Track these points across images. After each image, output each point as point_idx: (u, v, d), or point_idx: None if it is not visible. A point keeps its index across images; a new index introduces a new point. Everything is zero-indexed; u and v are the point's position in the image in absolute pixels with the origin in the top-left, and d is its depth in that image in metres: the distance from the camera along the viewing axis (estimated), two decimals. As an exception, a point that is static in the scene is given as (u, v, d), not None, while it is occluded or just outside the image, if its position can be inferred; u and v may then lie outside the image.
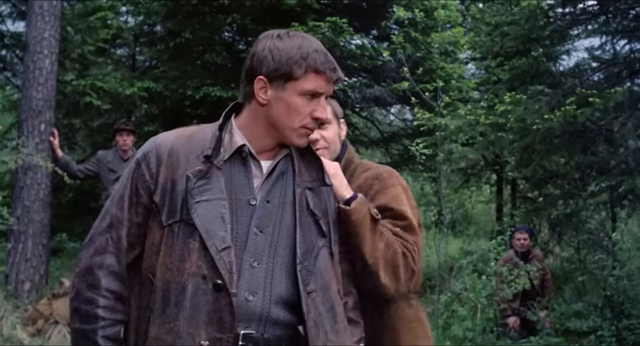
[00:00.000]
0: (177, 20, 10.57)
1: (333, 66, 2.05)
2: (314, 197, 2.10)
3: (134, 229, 2.02)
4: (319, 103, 2.04)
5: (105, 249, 2.01)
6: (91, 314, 1.97)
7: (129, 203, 2.03)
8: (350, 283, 2.25)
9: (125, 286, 2.01)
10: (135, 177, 2.05)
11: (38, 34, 8.56)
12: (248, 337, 1.91)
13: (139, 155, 2.09)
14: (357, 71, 10.82)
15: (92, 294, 1.98)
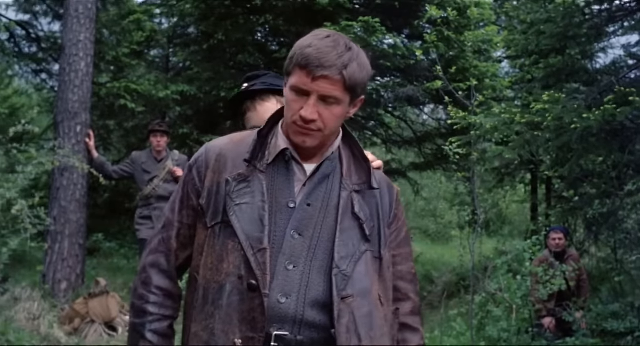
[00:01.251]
0: (211, 22, 10.64)
1: (319, 63, 1.92)
2: (361, 200, 2.08)
3: (184, 230, 2.11)
4: (306, 102, 1.97)
5: (157, 249, 2.13)
6: (142, 309, 2.09)
7: (179, 206, 2.12)
8: (410, 288, 2.19)
9: (174, 284, 2.12)
10: (187, 181, 2.13)
11: (74, 36, 8.68)
12: (281, 338, 1.92)
13: (192, 160, 2.17)
14: (390, 71, 10.79)
15: (144, 291, 2.10)
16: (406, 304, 2.18)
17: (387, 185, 2.19)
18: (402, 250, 2.19)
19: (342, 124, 2.15)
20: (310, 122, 1.97)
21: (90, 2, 8.88)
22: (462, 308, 8.43)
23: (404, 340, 2.16)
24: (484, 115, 7.99)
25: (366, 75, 2.01)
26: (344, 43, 1.99)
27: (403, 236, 2.20)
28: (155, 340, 2.07)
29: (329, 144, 2.08)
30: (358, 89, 2.00)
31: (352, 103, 2.04)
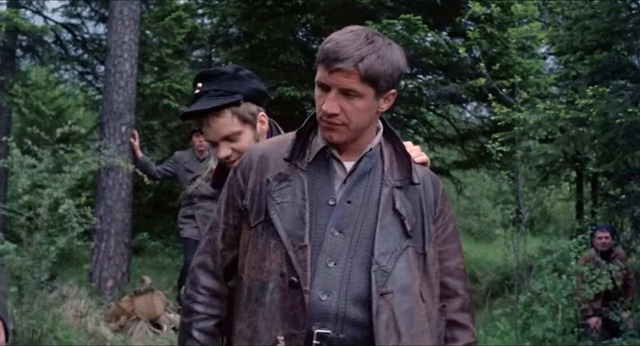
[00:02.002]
0: (252, 22, 10.69)
1: (335, 56, 1.94)
2: (403, 196, 2.06)
3: (230, 231, 2.14)
4: (327, 96, 1.99)
5: (204, 250, 2.17)
6: (190, 309, 2.13)
7: (225, 207, 2.16)
8: (459, 284, 2.16)
9: (221, 284, 2.15)
10: (231, 183, 2.17)
11: (118, 38, 8.80)
12: (323, 336, 1.92)
13: (236, 162, 2.21)
14: (432, 68, 10.74)
15: (192, 291, 2.14)
16: (455, 301, 2.15)
17: (432, 180, 2.16)
18: (450, 245, 2.16)
19: (383, 120, 2.15)
20: (332, 116, 1.99)
21: (135, 3, 9.00)
22: (506, 307, 8.36)
23: (453, 337, 2.13)
24: (528, 112, 7.90)
25: (389, 68, 1.98)
26: (366, 36, 1.98)
27: (450, 231, 2.17)
28: (202, 338, 2.10)
29: (367, 140, 2.08)
30: (381, 82, 1.97)
31: (380, 97, 2.02)
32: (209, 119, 2.43)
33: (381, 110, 2.06)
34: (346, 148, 2.07)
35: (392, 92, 2.04)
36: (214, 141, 2.46)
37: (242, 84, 2.49)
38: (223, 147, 2.46)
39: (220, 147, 2.46)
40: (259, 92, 2.55)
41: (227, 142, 2.45)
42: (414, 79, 10.90)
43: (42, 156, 7.17)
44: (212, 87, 2.46)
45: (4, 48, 11.49)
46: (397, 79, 2.04)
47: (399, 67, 2.02)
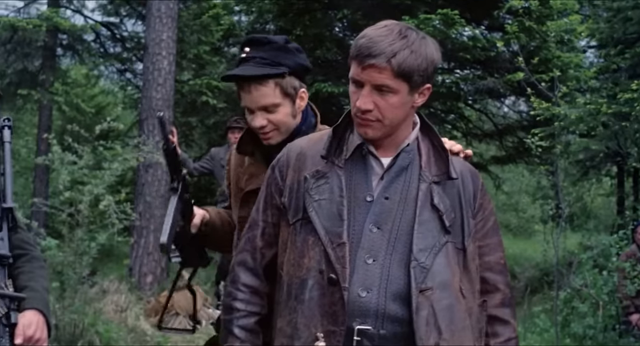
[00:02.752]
0: (289, 18, 10.72)
1: (368, 52, 1.93)
2: (441, 191, 2.04)
3: (269, 229, 2.15)
4: (361, 93, 1.98)
5: (244, 248, 2.18)
6: (230, 306, 2.14)
7: (263, 205, 2.17)
8: (499, 279, 2.14)
9: (261, 282, 2.15)
10: (269, 181, 2.17)
11: (156, 36, 8.88)
12: (363, 333, 1.92)
13: (274, 160, 2.21)
14: (470, 63, 10.65)
15: (232, 288, 2.16)
16: (495, 296, 2.12)
17: (470, 174, 2.14)
18: (490, 240, 2.13)
19: (420, 115, 2.14)
20: (366, 112, 1.98)
21: (172, 1, 9.07)
22: (545, 304, 8.28)
23: (494, 333, 2.11)
24: (568, 106, 7.80)
25: (423, 62, 1.96)
26: (399, 31, 1.96)
27: (490, 226, 2.14)
28: (242, 335, 2.10)
29: (404, 136, 2.07)
30: (414, 77, 1.95)
31: (415, 92, 2.00)
32: (250, 86, 2.40)
33: (416, 105, 2.04)
34: (383, 144, 2.06)
35: (427, 87, 2.02)
36: (250, 108, 2.44)
37: (290, 57, 2.45)
38: (259, 117, 2.42)
39: (256, 115, 2.43)
40: (304, 67, 2.53)
41: (264, 112, 2.42)
42: (452, 74, 10.84)
43: (82, 153, 7.26)
44: (259, 54, 2.41)
45: (45, 47, 11.66)
46: (432, 73, 2.02)
47: (433, 61, 2.00)
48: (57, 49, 12.23)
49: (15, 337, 2.20)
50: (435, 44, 2.04)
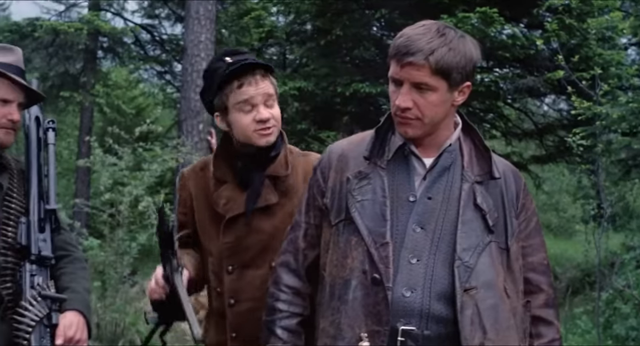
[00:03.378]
0: (327, 18, 10.72)
1: (406, 50, 1.94)
2: (484, 191, 2.04)
3: (311, 230, 2.16)
4: (399, 91, 1.98)
5: (286, 249, 2.20)
6: (272, 307, 2.15)
7: (306, 207, 2.19)
8: (542, 279, 2.12)
9: (303, 283, 2.16)
10: (312, 183, 2.20)
11: (195, 37, 8.96)
12: (407, 333, 1.92)
13: (316, 162, 2.24)
14: (509, 61, 10.56)
15: (274, 289, 2.17)
16: (539, 296, 2.11)
17: (513, 174, 2.13)
18: (532, 240, 2.12)
19: (461, 115, 2.13)
20: (405, 111, 1.98)
21: (210, 3, 9.15)
22: (587, 305, 8.18)
23: (538, 334, 2.09)
24: (610, 104, 7.68)
25: (461, 60, 1.96)
26: (437, 29, 1.97)
27: (533, 226, 2.13)
28: (285, 336, 2.12)
29: (445, 136, 2.06)
30: (453, 74, 1.95)
31: (454, 90, 2.00)
32: (256, 77, 2.38)
33: (456, 103, 2.04)
34: (425, 144, 2.06)
35: (466, 85, 2.02)
36: (254, 103, 2.39)
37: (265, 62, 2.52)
38: (264, 110, 2.40)
39: (260, 108, 2.39)
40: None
41: (266, 107, 2.41)
42: (491, 73, 10.75)
43: (122, 154, 7.36)
44: (245, 57, 2.43)
45: (86, 50, 11.86)
46: (471, 71, 2.02)
47: (472, 59, 1.99)
48: (98, 51, 12.43)
49: (56, 338, 2.23)
50: (475, 42, 2.03)
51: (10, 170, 2.42)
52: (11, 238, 2.31)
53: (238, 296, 2.44)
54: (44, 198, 2.40)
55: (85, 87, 11.68)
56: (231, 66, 2.37)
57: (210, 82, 2.42)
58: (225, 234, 2.43)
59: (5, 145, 2.38)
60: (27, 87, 2.38)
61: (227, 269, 2.44)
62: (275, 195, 2.43)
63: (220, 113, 2.44)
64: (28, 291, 2.26)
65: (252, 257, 2.43)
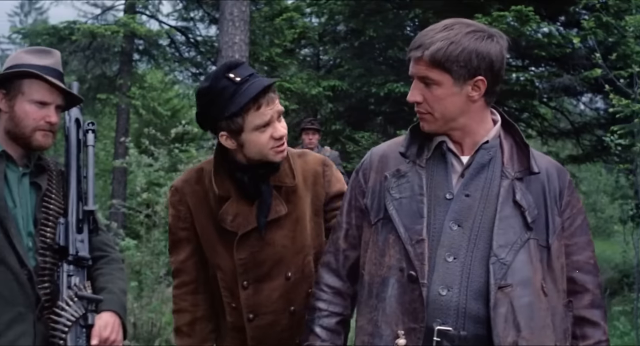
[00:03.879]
0: (360, 19, 10.72)
1: (412, 46, 1.97)
2: (524, 188, 2.00)
3: (352, 231, 2.17)
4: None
5: (327, 250, 2.23)
6: (312, 306, 2.19)
7: (347, 208, 2.19)
8: (588, 279, 2.06)
9: (344, 282, 2.18)
10: (353, 184, 2.20)
11: (229, 39, 9.00)
12: (443, 333, 1.90)
13: (358, 164, 2.23)
14: (545, 60, 10.49)
15: (315, 289, 2.21)
16: (584, 297, 2.05)
17: (557, 170, 2.09)
18: (578, 238, 2.06)
19: (500, 112, 2.10)
20: (418, 105, 2.00)
21: (244, 4, 9.18)
22: (625, 306, 8.06)
23: (583, 335, 2.04)
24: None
25: (463, 53, 1.91)
26: (445, 24, 1.97)
27: (578, 224, 2.07)
28: (323, 334, 2.14)
29: (481, 133, 2.03)
30: (454, 67, 1.92)
31: (463, 84, 1.95)
32: (270, 95, 2.28)
33: (474, 98, 1.98)
34: (462, 141, 2.04)
35: (479, 79, 1.95)
36: (268, 122, 2.29)
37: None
38: (280, 126, 2.32)
39: (276, 125, 2.31)
40: None
41: (279, 122, 2.33)
42: (526, 72, 10.66)
43: (158, 155, 7.42)
44: (249, 71, 2.30)
45: (122, 52, 11.98)
46: (482, 66, 1.94)
47: (481, 54, 1.93)
48: (134, 54, 12.55)
49: (92, 338, 2.25)
50: (500, 40, 1.98)
51: (49, 171, 2.45)
52: (50, 239, 2.34)
53: (257, 311, 2.41)
54: (83, 199, 2.42)
55: (122, 89, 11.80)
56: (242, 86, 2.25)
57: (218, 102, 2.28)
58: (239, 250, 2.37)
59: (44, 147, 2.40)
60: (65, 90, 2.40)
61: (243, 284, 2.40)
62: (284, 206, 2.38)
63: (230, 133, 2.32)
64: (65, 291, 2.28)
65: (267, 270, 2.40)
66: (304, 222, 2.44)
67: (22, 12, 38.06)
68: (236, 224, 2.36)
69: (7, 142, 2.37)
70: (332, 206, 2.47)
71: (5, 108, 2.37)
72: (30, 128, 2.34)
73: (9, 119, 2.36)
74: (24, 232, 2.31)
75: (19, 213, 2.31)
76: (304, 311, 2.35)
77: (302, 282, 2.43)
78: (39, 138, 2.36)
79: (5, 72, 2.37)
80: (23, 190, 2.36)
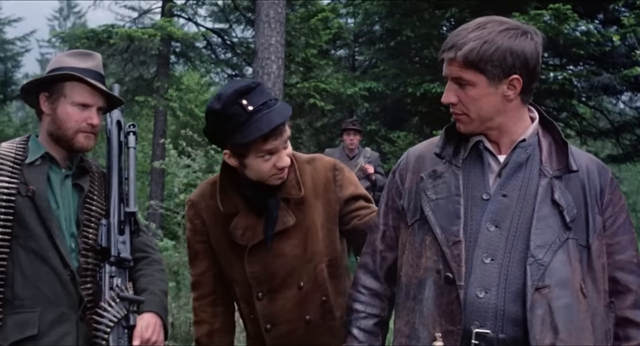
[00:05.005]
0: (396, 19, 10.69)
1: (444, 47, 1.94)
2: (563, 186, 1.95)
3: (389, 232, 2.15)
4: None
5: (365, 251, 2.21)
6: (350, 308, 2.18)
7: (385, 209, 2.18)
8: (631, 279, 1.99)
9: (381, 284, 2.16)
10: (390, 185, 2.18)
11: (265, 40, 9.04)
12: (481, 336, 1.87)
13: (395, 165, 2.21)
14: (583, 59, 10.35)
15: (353, 290, 2.20)
16: (627, 297, 1.99)
17: (597, 168, 2.03)
18: (620, 237, 2.00)
19: (538, 109, 2.06)
20: (453, 107, 1.97)
21: (280, 6, 9.21)
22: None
23: (626, 336, 1.99)
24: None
25: (497, 52, 1.87)
26: (478, 23, 1.93)
27: (621, 223, 2.01)
28: (361, 336, 2.13)
29: (518, 131, 1.99)
30: (488, 67, 1.88)
31: (498, 83, 1.91)
32: (281, 128, 2.24)
33: (509, 97, 1.93)
34: (498, 140, 2.01)
35: (514, 78, 1.91)
36: (274, 152, 2.27)
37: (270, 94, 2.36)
38: (284, 156, 2.30)
39: (282, 154, 2.29)
40: None
41: (285, 150, 2.30)
42: (564, 71, 10.55)
43: (195, 156, 7.47)
44: (263, 99, 2.24)
45: (159, 55, 12.09)
46: (517, 65, 1.90)
47: (515, 52, 1.89)
48: (171, 56, 12.66)
49: (134, 339, 2.27)
50: (535, 37, 1.93)
51: (91, 173, 2.48)
52: (92, 240, 2.36)
53: (273, 321, 2.42)
54: (124, 201, 2.45)
55: (159, 92, 11.92)
56: (254, 116, 2.20)
57: (227, 128, 2.24)
58: (250, 263, 2.38)
59: (86, 148, 2.43)
60: (106, 92, 2.43)
61: (257, 296, 2.41)
62: (291, 217, 2.36)
63: (233, 154, 2.31)
64: (107, 292, 2.31)
65: (280, 281, 2.40)
66: (315, 230, 2.41)
67: (61, 16, 38.62)
68: (246, 238, 2.37)
69: (50, 144, 2.41)
70: (347, 209, 2.45)
71: (47, 111, 2.40)
72: (72, 130, 2.38)
73: (52, 121, 2.40)
74: (67, 233, 2.34)
75: (62, 214, 2.35)
76: (320, 319, 2.39)
77: (315, 291, 2.42)
78: (81, 140, 2.39)
79: (48, 75, 2.41)
80: (66, 192, 2.39)
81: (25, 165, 2.34)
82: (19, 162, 2.35)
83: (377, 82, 11.02)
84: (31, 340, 2.21)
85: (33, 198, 2.28)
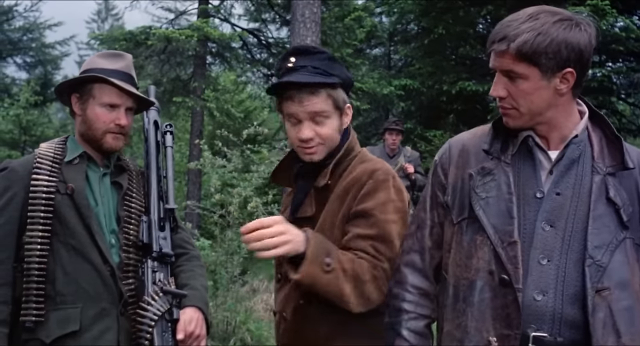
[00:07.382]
0: (431, 17, 10.66)
1: (493, 39, 1.85)
2: (617, 183, 1.88)
3: (437, 229, 2.06)
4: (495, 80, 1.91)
5: (411, 248, 2.09)
6: (397, 308, 2.06)
7: (430, 204, 2.08)
8: None
9: (430, 283, 2.06)
10: (433, 180, 2.10)
11: (301, 40, 9.06)
12: (539, 340, 1.80)
13: (436, 157, 2.13)
14: (623, 55, 10.21)
15: (399, 290, 2.07)
16: None
17: None
18: None
19: (587, 103, 2.00)
20: (501, 100, 1.89)
21: (316, 5, 9.23)
22: None
23: None
24: None
25: (552, 44, 1.80)
26: (531, 13, 1.86)
27: None
28: (411, 338, 2.03)
29: (569, 126, 1.93)
30: (542, 60, 1.81)
31: (551, 77, 1.84)
32: (302, 95, 2.21)
33: (561, 91, 1.87)
34: (548, 136, 1.93)
35: (568, 71, 1.84)
36: (297, 119, 2.24)
37: (341, 69, 2.33)
38: (307, 128, 2.23)
39: (303, 126, 2.24)
40: (351, 82, 2.39)
41: (312, 123, 2.24)
42: (603, 67, 10.41)
43: (231, 157, 7.51)
44: (310, 63, 2.25)
45: (196, 56, 12.19)
46: (574, 58, 1.83)
47: (570, 44, 1.82)
48: (207, 57, 12.75)
49: (177, 332, 2.30)
50: (589, 28, 1.88)
51: (129, 171, 2.52)
52: (133, 236, 2.40)
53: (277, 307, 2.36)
54: (163, 198, 2.48)
55: (196, 92, 12.01)
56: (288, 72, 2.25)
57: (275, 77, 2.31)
58: None
59: (114, 149, 2.45)
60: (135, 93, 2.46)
61: (277, 277, 2.38)
62: (312, 208, 2.28)
63: (279, 110, 2.35)
64: (150, 286, 2.34)
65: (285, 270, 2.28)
66: (332, 229, 2.24)
67: (99, 18, 39.10)
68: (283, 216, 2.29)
69: (83, 144, 2.46)
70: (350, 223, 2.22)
71: (79, 112, 2.45)
72: (101, 131, 2.42)
73: (82, 122, 2.45)
74: (107, 229, 2.38)
75: (101, 211, 2.39)
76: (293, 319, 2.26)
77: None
78: (109, 140, 2.43)
79: (76, 77, 2.47)
80: (104, 189, 2.43)
81: (64, 164, 2.39)
82: (58, 161, 2.40)
83: (412, 80, 11.00)
84: (73, 336, 2.25)
85: (72, 196, 2.33)
